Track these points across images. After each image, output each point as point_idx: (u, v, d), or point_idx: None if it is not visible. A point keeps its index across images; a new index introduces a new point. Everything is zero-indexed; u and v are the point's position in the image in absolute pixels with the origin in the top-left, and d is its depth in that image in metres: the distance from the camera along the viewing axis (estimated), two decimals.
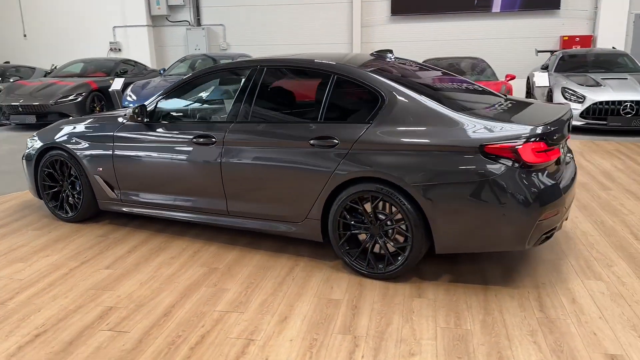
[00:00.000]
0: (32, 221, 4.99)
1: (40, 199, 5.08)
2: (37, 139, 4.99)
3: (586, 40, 14.07)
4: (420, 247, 3.41)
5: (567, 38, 14.15)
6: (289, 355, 2.76)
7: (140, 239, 4.44)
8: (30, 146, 5.02)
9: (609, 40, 13.72)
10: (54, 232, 4.67)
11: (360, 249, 3.62)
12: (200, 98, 4.39)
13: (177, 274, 3.76)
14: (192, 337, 2.95)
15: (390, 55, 4.28)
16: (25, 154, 5.07)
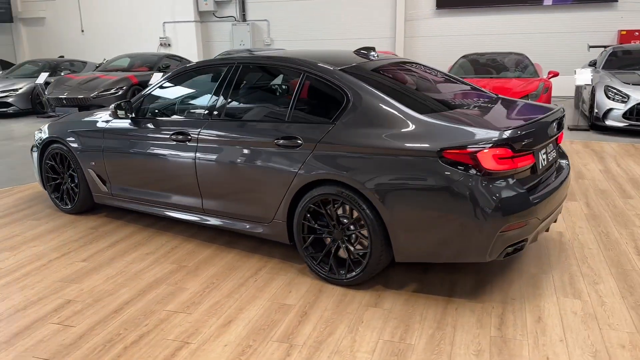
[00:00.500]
0: (35, 211, 5.19)
1: (45, 190, 5.28)
2: (43, 131, 5.16)
3: None
4: (379, 255, 3.26)
5: (625, 32, 13.23)
6: None
7: (125, 234, 4.52)
8: (37, 138, 5.21)
9: None
10: (51, 223, 4.83)
11: (323, 253, 3.51)
12: (182, 95, 4.39)
13: (145, 271, 3.78)
14: (131, 336, 2.95)
15: (374, 53, 4.12)
16: (32, 146, 5.27)
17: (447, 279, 3.53)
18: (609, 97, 8.60)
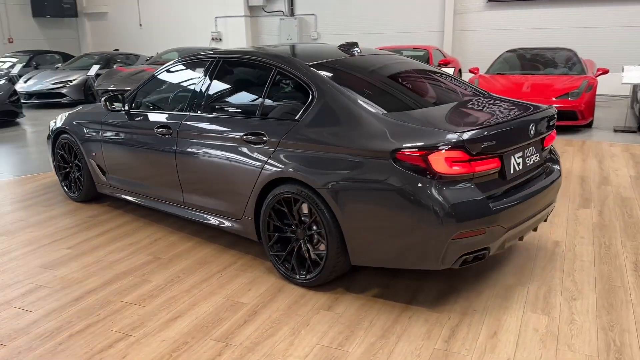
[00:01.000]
0: (48, 198, 5.42)
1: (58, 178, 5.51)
2: (56, 121, 5.36)
3: None
4: (336, 257, 3.16)
5: None
6: (148, 355, 2.71)
7: (118, 223, 4.63)
8: (51, 128, 5.43)
9: None
10: (56, 210, 5.04)
11: (286, 252, 3.44)
12: (167, 89, 4.44)
13: (121, 261, 3.86)
14: (80, 324, 3.01)
15: (357, 48, 3.98)
16: (47, 135, 5.51)
17: (414, 285, 3.38)
18: None
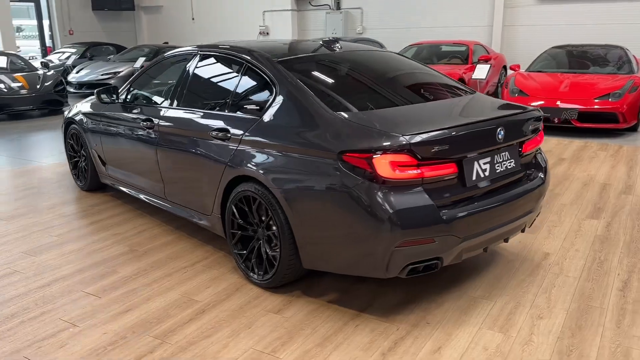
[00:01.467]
0: (60, 186, 5.63)
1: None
2: (68, 111, 5.53)
3: None
4: (289, 259, 3.08)
5: None
6: (85, 347, 2.74)
7: (112, 213, 4.74)
8: (64, 118, 5.62)
9: None
10: (62, 197, 5.22)
11: (247, 251, 3.39)
12: (154, 83, 4.47)
13: (100, 251, 3.94)
14: (34, 312, 3.09)
15: (338, 44, 3.85)
16: (61, 124, 5.71)
17: (375, 291, 3.24)
18: None
